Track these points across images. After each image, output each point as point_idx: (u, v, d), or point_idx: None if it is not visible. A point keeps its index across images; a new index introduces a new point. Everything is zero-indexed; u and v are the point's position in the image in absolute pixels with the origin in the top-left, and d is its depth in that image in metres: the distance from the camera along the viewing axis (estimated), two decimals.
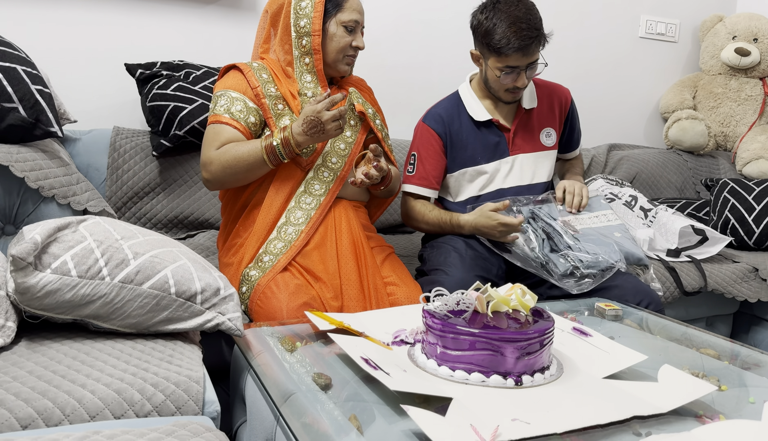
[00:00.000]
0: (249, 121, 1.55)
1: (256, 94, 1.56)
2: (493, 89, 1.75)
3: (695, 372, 1.12)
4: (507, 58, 1.64)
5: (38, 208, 1.46)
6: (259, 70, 1.59)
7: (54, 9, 2.10)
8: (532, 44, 1.62)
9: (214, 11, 2.30)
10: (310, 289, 1.46)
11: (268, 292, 1.44)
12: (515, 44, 1.61)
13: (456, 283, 1.53)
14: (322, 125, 1.45)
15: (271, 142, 1.48)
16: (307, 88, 1.61)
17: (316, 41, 1.56)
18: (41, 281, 0.99)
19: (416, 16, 2.61)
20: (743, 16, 2.97)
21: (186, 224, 2.04)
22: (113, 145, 1.99)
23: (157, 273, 1.06)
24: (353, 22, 1.58)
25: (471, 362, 1.01)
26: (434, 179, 1.80)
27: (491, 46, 1.64)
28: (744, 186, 2.41)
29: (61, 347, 1.02)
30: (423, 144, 1.81)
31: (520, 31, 1.61)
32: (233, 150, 1.50)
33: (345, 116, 1.48)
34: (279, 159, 1.50)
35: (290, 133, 1.47)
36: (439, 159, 1.80)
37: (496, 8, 1.64)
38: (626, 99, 3.09)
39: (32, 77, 1.52)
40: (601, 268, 1.66)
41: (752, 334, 2.27)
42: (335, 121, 1.45)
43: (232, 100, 1.55)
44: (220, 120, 1.54)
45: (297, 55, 1.59)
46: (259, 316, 1.43)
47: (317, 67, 1.59)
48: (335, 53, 1.59)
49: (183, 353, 1.04)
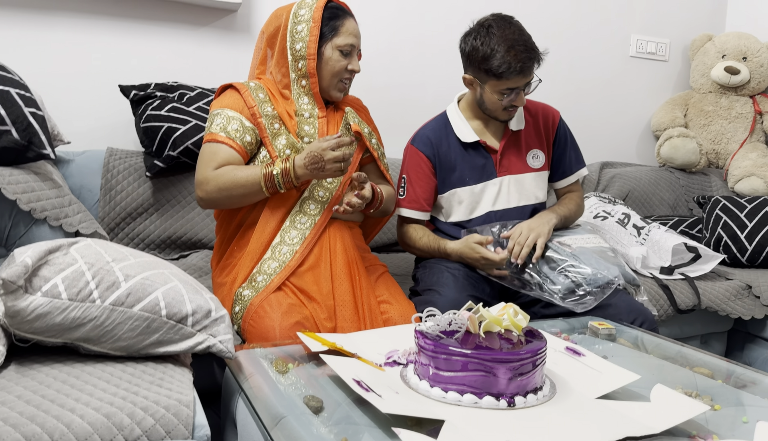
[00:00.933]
0: (245, 140, 1.55)
1: (252, 114, 1.57)
2: (490, 110, 1.76)
3: (688, 391, 1.11)
4: (507, 81, 1.66)
5: (30, 230, 1.46)
6: (255, 90, 1.60)
7: (49, 31, 2.12)
8: (530, 64, 1.65)
9: (208, 33, 2.32)
10: (303, 309, 1.46)
11: (260, 311, 1.43)
12: (516, 67, 1.63)
13: (449, 303, 1.53)
14: (323, 163, 1.46)
15: (271, 171, 1.49)
16: (305, 109, 1.62)
17: (311, 65, 1.57)
18: (31, 304, 0.98)
19: (409, 35, 2.63)
20: (732, 35, 3.00)
21: (179, 244, 2.03)
22: (107, 166, 1.99)
23: (147, 295, 1.06)
24: (349, 46, 1.59)
25: (463, 383, 1.00)
26: (425, 201, 1.81)
27: (491, 71, 1.65)
28: (736, 203, 2.43)
29: (50, 371, 1.02)
30: (412, 167, 1.82)
31: (518, 54, 1.63)
32: (231, 173, 1.51)
33: (349, 160, 1.49)
34: (276, 188, 1.51)
35: (292, 165, 1.48)
36: (429, 181, 1.81)
37: (490, 33, 1.66)
38: (618, 117, 3.11)
39: (25, 100, 1.53)
40: (601, 284, 1.66)
41: (747, 352, 2.26)
42: (337, 162, 1.47)
43: (228, 119, 1.56)
44: (216, 139, 1.55)
45: (294, 78, 1.61)
46: (251, 335, 1.43)
47: (313, 89, 1.61)
48: (330, 77, 1.60)
49: (173, 376, 1.04)
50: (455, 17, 2.65)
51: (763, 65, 2.94)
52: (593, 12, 2.97)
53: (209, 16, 2.31)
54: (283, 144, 1.57)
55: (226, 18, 2.34)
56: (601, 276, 1.67)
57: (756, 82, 2.96)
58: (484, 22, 1.69)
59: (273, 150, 1.56)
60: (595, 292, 1.65)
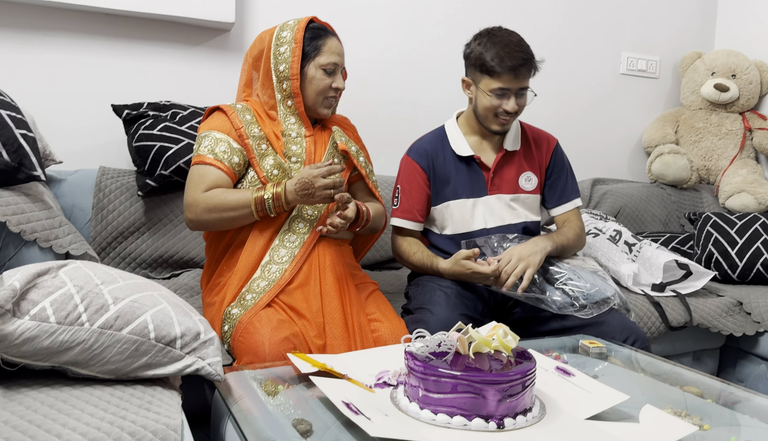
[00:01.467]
0: (233, 162, 1.56)
1: (239, 135, 1.58)
2: (482, 117, 1.77)
3: (678, 411, 1.12)
4: (499, 77, 1.68)
5: (20, 251, 1.45)
6: (242, 111, 1.61)
7: (41, 52, 2.13)
8: (523, 66, 1.68)
9: (201, 52, 2.33)
10: (293, 325, 1.46)
11: (250, 327, 1.43)
12: (508, 63, 1.66)
13: (440, 322, 1.54)
14: (313, 189, 1.48)
15: (262, 195, 1.50)
16: (292, 129, 1.63)
17: (295, 85, 1.59)
18: (19, 328, 0.98)
19: (401, 53, 2.65)
20: (721, 53, 3.04)
21: (171, 263, 2.03)
22: (99, 185, 2.00)
23: (136, 318, 1.06)
24: (332, 65, 1.61)
25: (453, 405, 1.00)
26: (418, 212, 1.82)
27: (484, 66, 1.69)
28: (726, 220, 2.44)
29: (38, 395, 1.01)
30: (407, 177, 1.83)
31: (513, 53, 1.67)
32: (221, 196, 1.52)
33: (340, 188, 1.51)
34: (266, 212, 1.52)
35: (283, 190, 1.50)
36: (423, 192, 1.82)
37: (491, 36, 1.71)
38: (609, 134, 3.13)
39: (16, 122, 1.53)
40: (598, 300, 1.66)
41: (739, 368, 2.27)
42: (327, 189, 1.48)
43: (216, 141, 1.57)
44: (204, 161, 1.56)
45: (279, 99, 1.63)
46: (241, 351, 1.42)
47: (299, 109, 1.62)
48: (315, 95, 1.62)
49: (162, 400, 1.03)
50: (447, 36, 2.68)
51: (752, 82, 2.97)
52: (584, 30, 3.00)
53: (202, 36, 2.33)
54: (271, 164, 1.57)
55: (218, 37, 2.35)
56: (598, 291, 1.67)
57: (745, 99, 2.99)
58: (488, 29, 1.75)
59: (261, 171, 1.57)
60: (593, 306, 1.65)
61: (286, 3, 2.43)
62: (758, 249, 2.33)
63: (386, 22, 2.62)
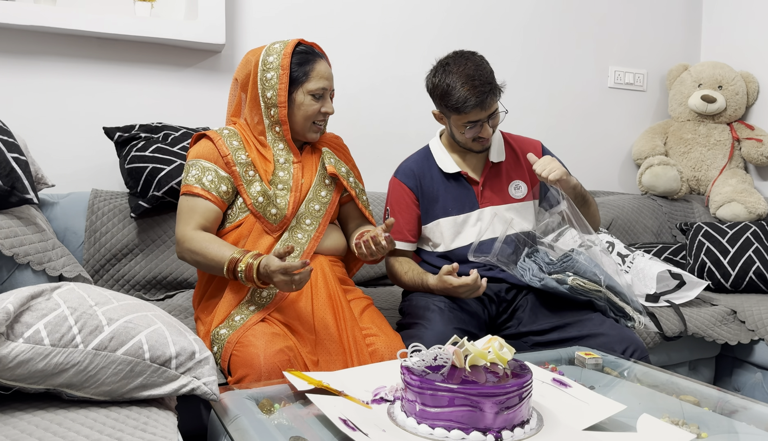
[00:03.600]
0: (221, 190, 1.57)
1: (226, 162, 1.58)
2: (461, 143, 1.80)
3: (675, 420, 1.12)
4: (467, 115, 1.69)
5: (13, 275, 1.45)
6: (229, 138, 1.61)
7: (33, 76, 2.13)
8: (487, 98, 1.68)
9: (192, 74, 2.35)
10: (287, 339, 1.45)
11: (244, 340, 1.42)
12: (472, 101, 1.66)
13: (435, 336, 1.54)
14: (271, 281, 1.43)
15: (238, 259, 1.45)
16: (280, 155, 1.64)
17: (282, 113, 1.59)
18: (13, 351, 0.97)
19: (391, 71, 2.67)
20: (707, 65, 3.08)
21: (164, 285, 2.02)
22: (91, 207, 1.99)
23: (131, 339, 1.05)
24: (321, 90, 1.60)
25: (450, 419, 1.00)
26: (409, 232, 1.83)
27: (450, 106, 1.70)
28: (718, 229, 2.46)
29: (32, 419, 1.00)
30: (396, 198, 1.84)
31: (474, 88, 1.66)
32: (205, 244, 1.50)
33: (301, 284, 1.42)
34: (236, 277, 1.46)
35: (258, 264, 1.43)
36: (412, 212, 1.83)
37: (447, 70, 1.70)
38: (599, 147, 3.16)
39: (8, 145, 1.53)
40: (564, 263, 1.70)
41: (735, 377, 2.27)
42: (286, 284, 1.41)
43: (203, 170, 1.57)
44: (192, 191, 1.56)
45: (268, 124, 1.63)
46: (236, 364, 1.41)
47: (286, 136, 1.62)
48: (303, 121, 1.61)
49: (158, 420, 1.03)
50: (436, 53, 2.68)
51: (738, 93, 3.01)
52: (571, 45, 3.03)
53: (193, 58, 2.34)
54: (258, 191, 1.57)
55: (209, 59, 2.36)
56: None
57: (732, 110, 3.02)
58: (443, 60, 1.75)
59: (248, 197, 1.58)
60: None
61: (276, 24, 2.45)
62: (750, 257, 2.34)
63: (375, 41, 2.64)
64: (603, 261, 2.16)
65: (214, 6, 2.22)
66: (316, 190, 1.65)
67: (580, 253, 1.71)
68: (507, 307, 1.81)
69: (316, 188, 1.65)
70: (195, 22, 2.21)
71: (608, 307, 1.74)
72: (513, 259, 1.78)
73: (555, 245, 1.80)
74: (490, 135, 1.76)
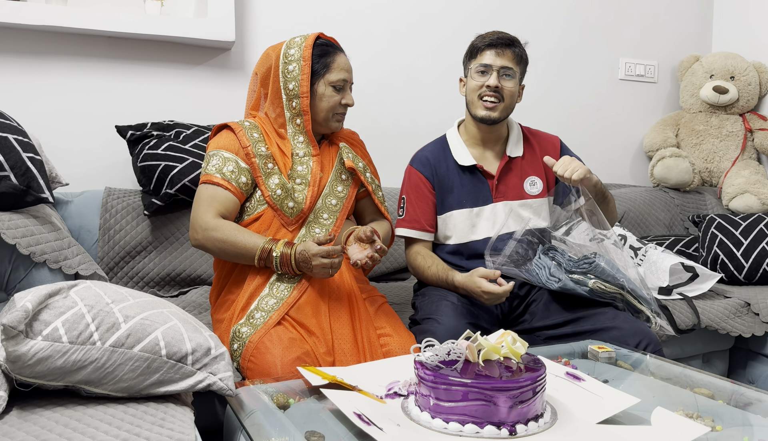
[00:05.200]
0: (240, 182, 1.58)
1: (246, 154, 1.59)
2: (470, 103, 1.80)
3: (689, 413, 1.12)
4: (482, 54, 1.76)
5: (30, 273, 1.47)
6: (250, 130, 1.62)
7: (46, 75, 2.15)
8: (503, 43, 1.75)
9: (202, 71, 2.36)
10: (304, 344, 1.46)
11: (261, 347, 1.43)
12: (488, 40, 1.76)
13: (447, 332, 1.54)
14: (311, 266, 1.48)
15: (270, 248, 1.50)
16: (300, 148, 1.64)
17: (305, 103, 1.60)
18: (32, 349, 0.99)
19: (400, 65, 2.67)
20: (719, 55, 3.05)
21: (179, 281, 2.04)
22: (105, 205, 2.01)
23: (147, 335, 1.07)
24: (341, 82, 1.62)
25: (464, 413, 1.00)
26: (425, 222, 1.82)
27: (470, 50, 1.80)
28: (731, 221, 2.44)
29: (52, 415, 1.02)
30: (411, 187, 1.84)
31: (495, 33, 1.77)
32: (234, 232, 1.52)
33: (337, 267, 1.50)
34: (270, 265, 1.53)
35: (294, 252, 1.49)
36: (429, 201, 1.82)
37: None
38: (610, 140, 3.14)
39: (23, 145, 1.55)
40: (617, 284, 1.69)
41: (749, 370, 2.26)
42: (324, 268, 1.48)
43: (224, 161, 1.58)
44: (212, 180, 1.57)
45: (289, 117, 1.64)
46: (253, 372, 1.42)
47: (306, 127, 1.63)
48: (325, 112, 1.63)
49: (175, 416, 1.04)
50: (445, 46, 2.70)
51: (750, 83, 2.98)
52: (581, 37, 3.02)
53: (203, 55, 2.35)
54: (276, 183, 1.59)
55: (219, 56, 2.37)
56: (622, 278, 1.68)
57: (745, 101, 3.00)
58: None
59: (266, 190, 1.59)
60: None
61: (285, 20, 2.46)
62: (764, 249, 2.33)
63: (385, 35, 2.64)
64: (615, 256, 2.15)
65: (223, 3, 2.23)
66: (333, 185, 1.65)
67: (602, 257, 1.70)
68: (520, 302, 1.81)
69: (333, 183, 1.66)
70: (205, 20, 2.22)
71: (626, 309, 1.73)
72: (528, 257, 1.77)
73: (567, 239, 1.79)
74: (495, 86, 1.73)
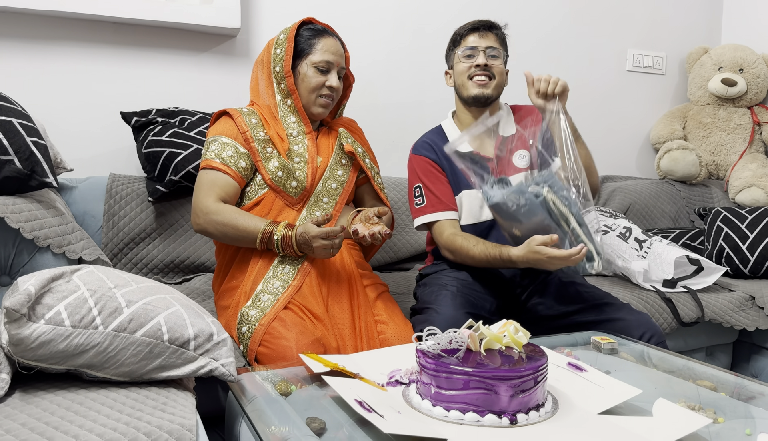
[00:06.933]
0: (239, 166, 1.59)
1: (245, 139, 1.60)
2: (460, 87, 1.81)
3: (691, 405, 1.11)
4: (465, 40, 1.78)
5: (33, 258, 1.47)
6: (248, 115, 1.64)
7: (51, 61, 2.15)
8: (485, 26, 1.79)
9: (207, 58, 2.35)
10: (315, 330, 1.46)
11: (274, 332, 1.43)
12: (470, 25, 1.80)
13: (446, 321, 1.53)
14: (311, 248, 1.50)
15: (272, 230, 1.52)
16: (293, 128, 1.66)
17: (289, 82, 1.63)
18: (35, 332, 0.99)
19: (406, 55, 2.66)
20: (728, 48, 3.03)
21: (182, 268, 2.04)
22: (109, 192, 2.01)
23: (150, 320, 1.07)
24: (325, 64, 1.64)
25: (465, 402, 1.00)
26: (448, 201, 1.79)
27: (453, 39, 1.84)
28: (737, 214, 2.43)
29: (54, 398, 1.02)
30: (423, 173, 1.83)
31: (476, 19, 1.82)
32: (235, 216, 1.54)
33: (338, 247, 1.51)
34: (272, 247, 1.54)
35: (294, 233, 1.51)
36: (444, 181, 1.82)
37: None
38: (617, 131, 3.13)
39: (27, 129, 1.55)
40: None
41: (753, 363, 2.25)
42: (325, 249, 1.50)
43: (223, 146, 1.59)
44: (212, 165, 1.59)
45: (280, 99, 1.66)
46: (267, 357, 1.42)
47: (297, 105, 1.65)
48: (308, 93, 1.65)
49: (176, 401, 1.04)
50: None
51: (759, 76, 2.96)
52: (589, 28, 3.00)
53: (208, 42, 2.34)
54: (276, 166, 1.60)
55: (225, 43, 2.37)
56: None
57: (753, 94, 2.98)
58: None
59: (266, 173, 1.60)
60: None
61: (291, 8, 2.45)
62: None
63: (390, 25, 2.63)
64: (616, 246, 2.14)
65: None
66: (333, 169, 1.66)
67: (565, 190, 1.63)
68: (522, 291, 1.80)
69: (333, 167, 1.67)
70: (210, 7, 2.22)
71: (572, 240, 1.61)
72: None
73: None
74: (484, 64, 1.76)
